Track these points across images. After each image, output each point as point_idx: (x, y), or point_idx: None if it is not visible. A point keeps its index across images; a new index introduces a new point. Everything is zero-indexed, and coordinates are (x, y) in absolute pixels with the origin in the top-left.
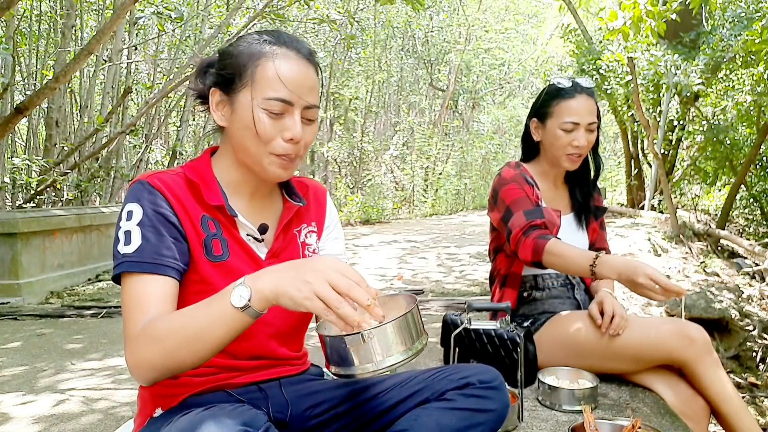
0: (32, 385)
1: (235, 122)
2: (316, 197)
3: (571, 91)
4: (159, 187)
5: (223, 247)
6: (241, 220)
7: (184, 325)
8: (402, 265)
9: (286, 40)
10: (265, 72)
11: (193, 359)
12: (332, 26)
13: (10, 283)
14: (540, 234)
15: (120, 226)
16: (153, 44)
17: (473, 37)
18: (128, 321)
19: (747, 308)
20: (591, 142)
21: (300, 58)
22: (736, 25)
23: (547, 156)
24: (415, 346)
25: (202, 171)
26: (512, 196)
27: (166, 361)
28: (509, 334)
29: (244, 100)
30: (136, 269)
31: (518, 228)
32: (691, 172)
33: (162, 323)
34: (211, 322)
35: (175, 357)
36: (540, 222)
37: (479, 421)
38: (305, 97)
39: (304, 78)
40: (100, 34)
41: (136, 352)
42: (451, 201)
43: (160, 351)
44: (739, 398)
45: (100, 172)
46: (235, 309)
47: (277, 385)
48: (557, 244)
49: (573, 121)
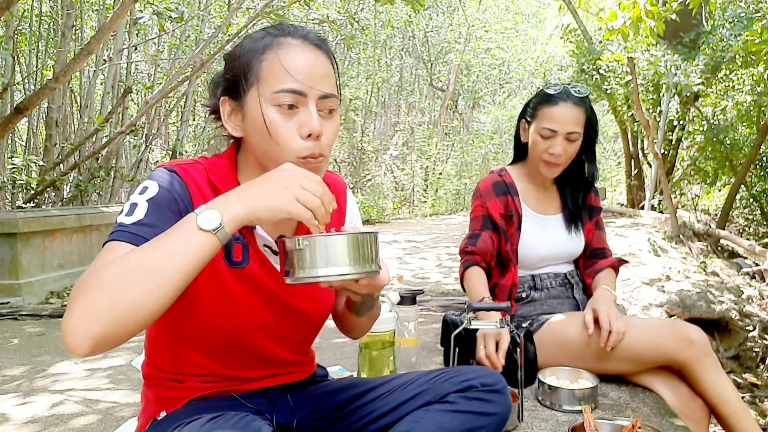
0: (31, 385)
1: (249, 128)
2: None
3: (557, 98)
4: (185, 177)
5: (244, 254)
6: (259, 232)
7: (138, 258)
8: (402, 265)
9: (290, 30)
10: (270, 65)
11: (147, 301)
12: (332, 27)
13: (10, 283)
14: (466, 260)
15: (130, 198)
16: (153, 44)
17: (473, 37)
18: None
19: (747, 308)
20: (570, 153)
21: (307, 44)
22: (736, 25)
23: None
24: (364, 266)
25: (225, 173)
26: (472, 213)
27: (112, 305)
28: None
29: (252, 101)
30: (127, 239)
31: (460, 248)
32: (691, 172)
33: (110, 263)
34: (173, 250)
35: (125, 297)
36: (471, 249)
37: (481, 424)
38: (317, 85)
39: (314, 65)
40: (100, 34)
41: (76, 302)
42: (451, 201)
43: (107, 291)
44: (739, 399)
45: (100, 172)
46: (204, 232)
47: (282, 390)
48: (469, 276)
49: (550, 128)
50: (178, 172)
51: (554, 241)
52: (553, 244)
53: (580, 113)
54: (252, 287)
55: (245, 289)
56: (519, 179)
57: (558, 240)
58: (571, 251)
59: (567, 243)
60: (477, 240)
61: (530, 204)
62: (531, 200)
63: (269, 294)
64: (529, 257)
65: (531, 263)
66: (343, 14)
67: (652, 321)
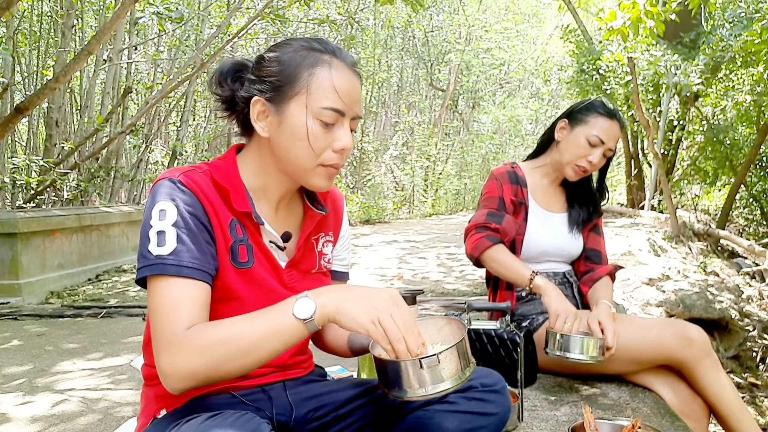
0: (32, 385)
1: (283, 132)
2: (334, 205)
3: (612, 114)
4: (192, 187)
5: (249, 254)
6: (267, 227)
7: (238, 334)
8: (402, 265)
9: (334, 50)
10: (320, 81)
11: (239, 371)
12: (332, 27)
13: (10, 283)
14: (489, 235)
15: (151, 225)
16: (153, 44)
17: (473, 37)
18: (163, 323)
19: (747, 308)
20: (600, 165)
21: (348, 68)
22: (735, 26)
23: (555, 157)
24: (464, 372)
25: (229, 174)
26: (487, 193)
27: (209, 371)
28: (509, 335)
29: (297, 109)
30: (172, 272)
31: (474, 223)
32: (691, 172)
33: (212, 331)
34: (268, 332)
35: (221, 367)
36: (495, 226)
37: (481, 424)
38: (354, 107)
39: (354, 89)
40: (100, 34)
41: (178, 360)
42: (451, 201)
43: (207, 360)
44: (739, 399)
45: (100, 172)
46: (297, 320)
47: (281, 387)
48: (500, 252)
49: (600, 137)
50: (184, 182)
51: (556, 237)
52: (554, 240)
53: (620, 135)
54: (257, 286)
55: (251, 288)
56: (529, 174)
57: (560, 237)
58: (571, 251)
59: (568, 242)
60: (501, 219)
61: (536, 198)
62: (538, 195)
63: (273, 292)
64: (530, 249)
65: (531, 256)
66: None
67: (652, 320)
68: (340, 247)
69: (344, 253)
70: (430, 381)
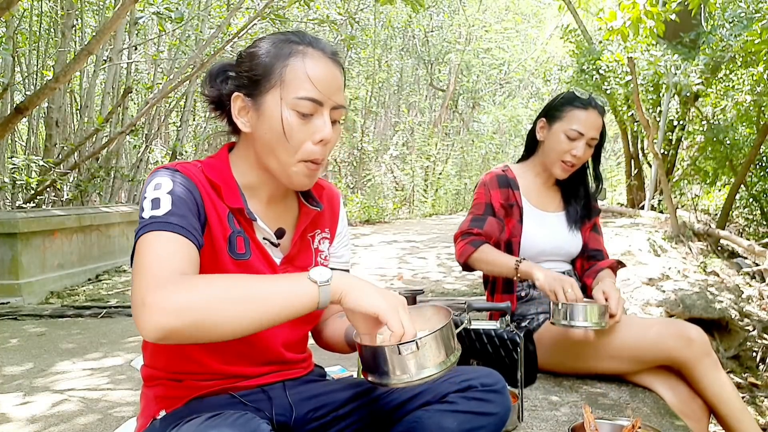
0: (31, 385)
1: (262, 126)
2: (330, 202)
3: (586, 103)
4: (189, 174)
5: (246, 246)
6: (259, 224)
7: (246, 281)
8: (402, 265)
9: (311, 40)
10: (295, 72)
11: (236, 323)
12: (332, 27)
13: (10, 283)
14: (472, 240)
15: (146, 196)
16: (153, 44)
17: (473, 37)
18: (152, 268)
19: (747, 308)
20: (586, 157)
21: (326, 57)
22: (735, 26)
23: (542, 157)
24: (449, 359)
25: (221, 171)
26: (476, 200)
27: (203, 313)
28: (509, 334)
29: (272, 102)
30: (166, 228)
31: (459, 231)
32: (691, 172)
33: (217, 277)
34: (280, 288)
35: (217, 312)
36: (476, 231)
37: (481, 424)
38: (334, 97)
39: (332, 77)
40: (100, 34)
41: (169, 294)
42: (451, 201)
43: (204, 299)
44: (739, 399)
45: (100, 172)
46: (312, 283)
47: (281, 387)
48: (484, 251)
49: (579, 130)
50: (181, 171)
51: (554, 236)
52: (552, 239)
53: (601, 122)
54: None
55: None
56: (522, 176)
57: (557, 236)
58: (570, 249)
59: (566, 240)
60: (483, 223)
61: (530, 199)
62: (531, 196)
63: None
64: (527, 249)
65: (529, 256)
66: (343, 14)
67: (652, 320)
68: (338, 245)
69: (343, 250)
70: (413, 367)
